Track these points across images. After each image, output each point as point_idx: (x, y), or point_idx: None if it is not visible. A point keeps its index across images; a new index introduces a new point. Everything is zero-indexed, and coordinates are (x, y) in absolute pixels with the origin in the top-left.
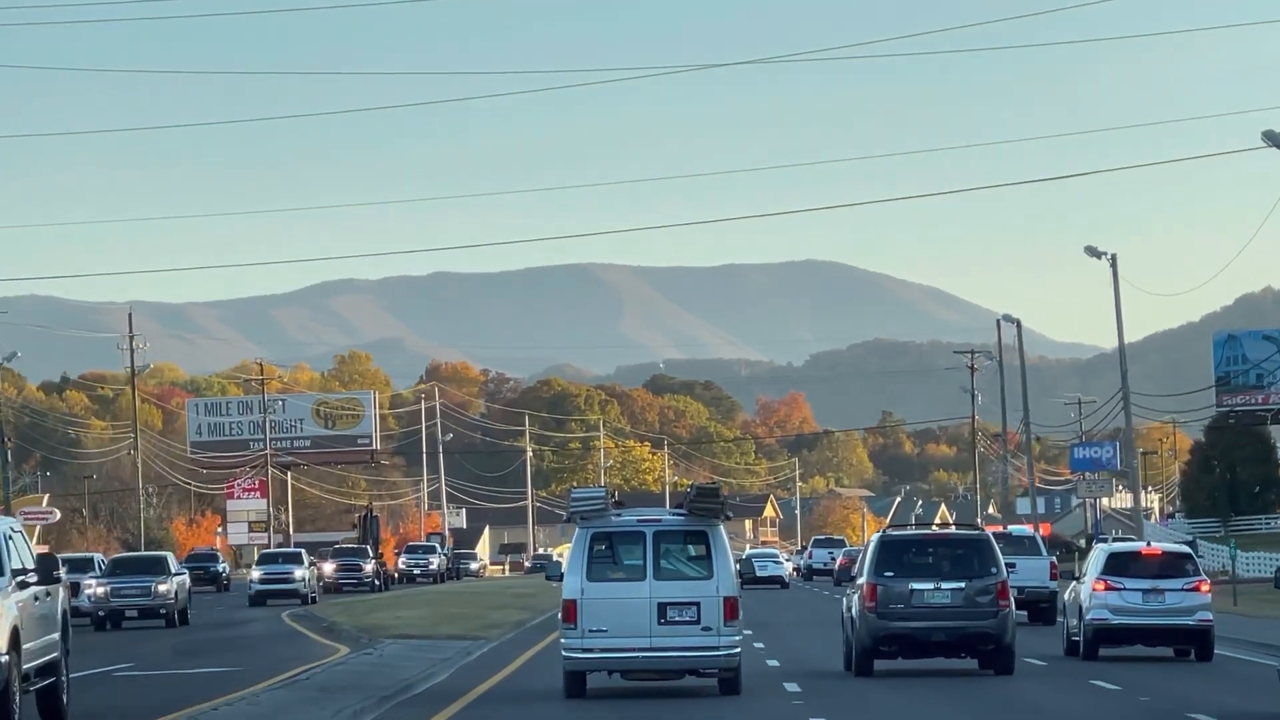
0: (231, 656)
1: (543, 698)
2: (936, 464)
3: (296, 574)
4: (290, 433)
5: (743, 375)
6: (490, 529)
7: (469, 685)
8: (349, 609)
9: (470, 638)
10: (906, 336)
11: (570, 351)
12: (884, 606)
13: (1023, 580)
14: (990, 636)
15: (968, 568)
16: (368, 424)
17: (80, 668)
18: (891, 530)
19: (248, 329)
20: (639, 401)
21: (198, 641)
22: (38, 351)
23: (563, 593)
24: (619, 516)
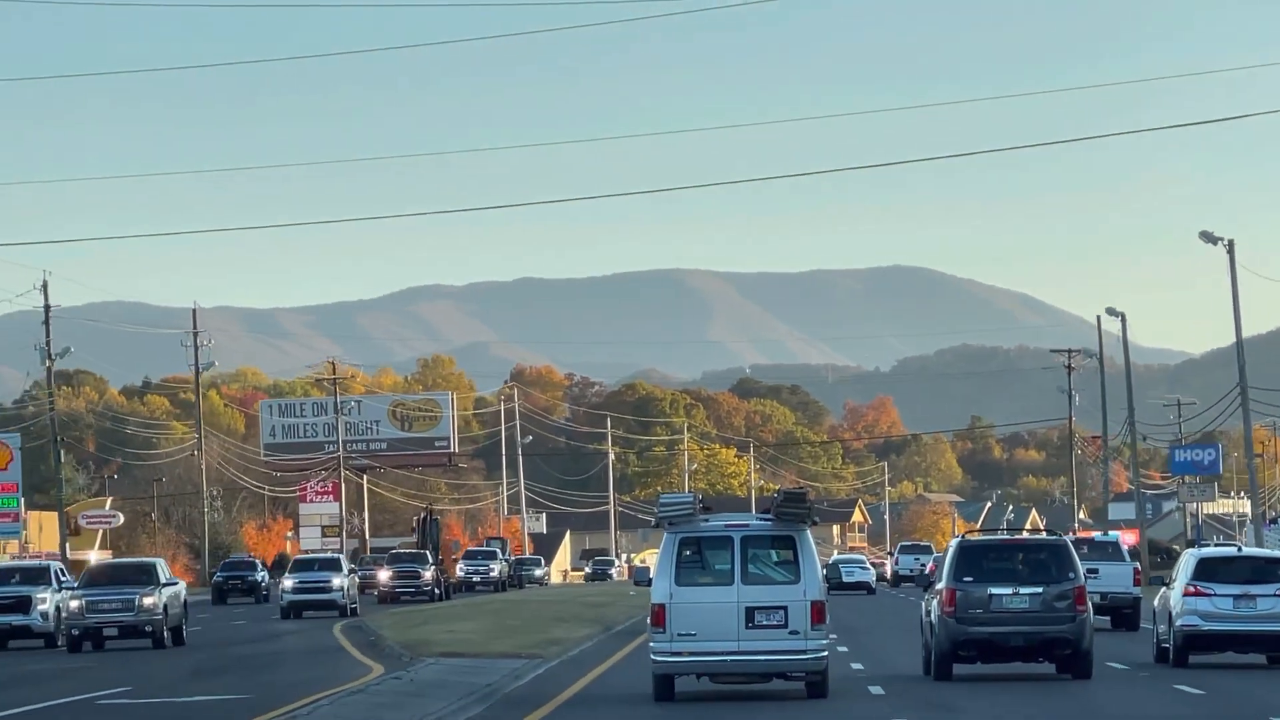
0: (247, 679)
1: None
2: (1026, 469)
3: (334, 583)
4: (366, 435)
5: (829, 381)
6: (571, 534)
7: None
8: (402, 620)
9: (525, 655)
10: (994, 342)
11: (656, 357)
12: (963, 611)
13: (1105, 586)
14: (1068, 641)
15: (1046, 573)
16: (445, 426)
17: (64, 692)
18: (970, 536)
19: (334, 334)
20: (725, 406)
21: (219, 660)
22: (124, 356)
23: (651, 597)
24: (707, 521)
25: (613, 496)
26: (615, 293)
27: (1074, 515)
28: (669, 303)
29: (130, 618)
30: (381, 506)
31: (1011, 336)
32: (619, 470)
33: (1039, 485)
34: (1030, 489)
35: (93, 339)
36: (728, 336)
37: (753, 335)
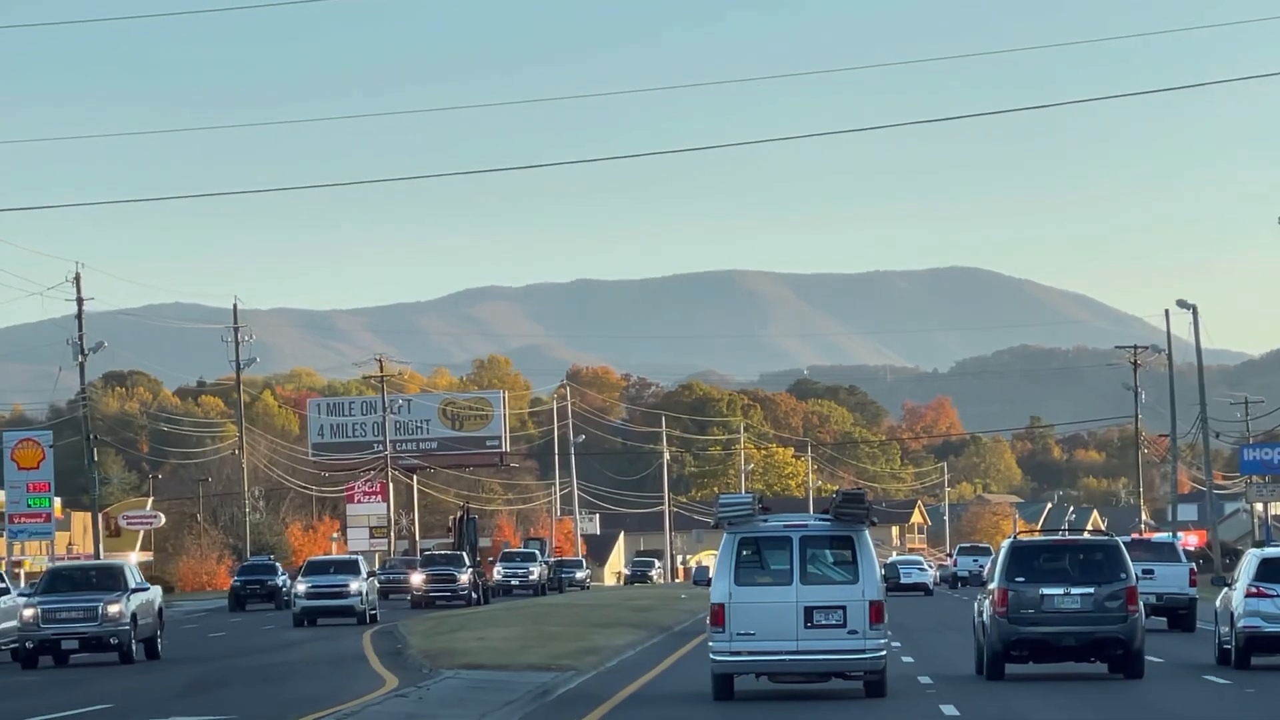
0: (247, 693)
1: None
2: (1086, 470)
3: (351, 587)
4: (416, 434)
5: (888, 381)
6: (625, 535)
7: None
8: (435, 627)
9: (557, 668)
10: (1052, 343)
11: (714, 358)
12: (1015, 611)
13: (1161, 587)
14: (1119, 641)
15: (1097, 573)
16: (497, 425)
17: (34, 710)
18: (1022, 536)
19: (391, 336)
20: (783, 406)
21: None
22: (182, 358)
23: (711, 597)
24: (766, 522)
25: (667, 497)
26: (672, 294)
27: (1140, 515)
28: (726, 304)
29: (93, 628)
30: (433, 507)
31: (1070, 337)
32: (675, 471)
33: (1099, 486)
34: (1090, 490)
35: (150, 340)
36: (785, 337)
37: (810, 336)
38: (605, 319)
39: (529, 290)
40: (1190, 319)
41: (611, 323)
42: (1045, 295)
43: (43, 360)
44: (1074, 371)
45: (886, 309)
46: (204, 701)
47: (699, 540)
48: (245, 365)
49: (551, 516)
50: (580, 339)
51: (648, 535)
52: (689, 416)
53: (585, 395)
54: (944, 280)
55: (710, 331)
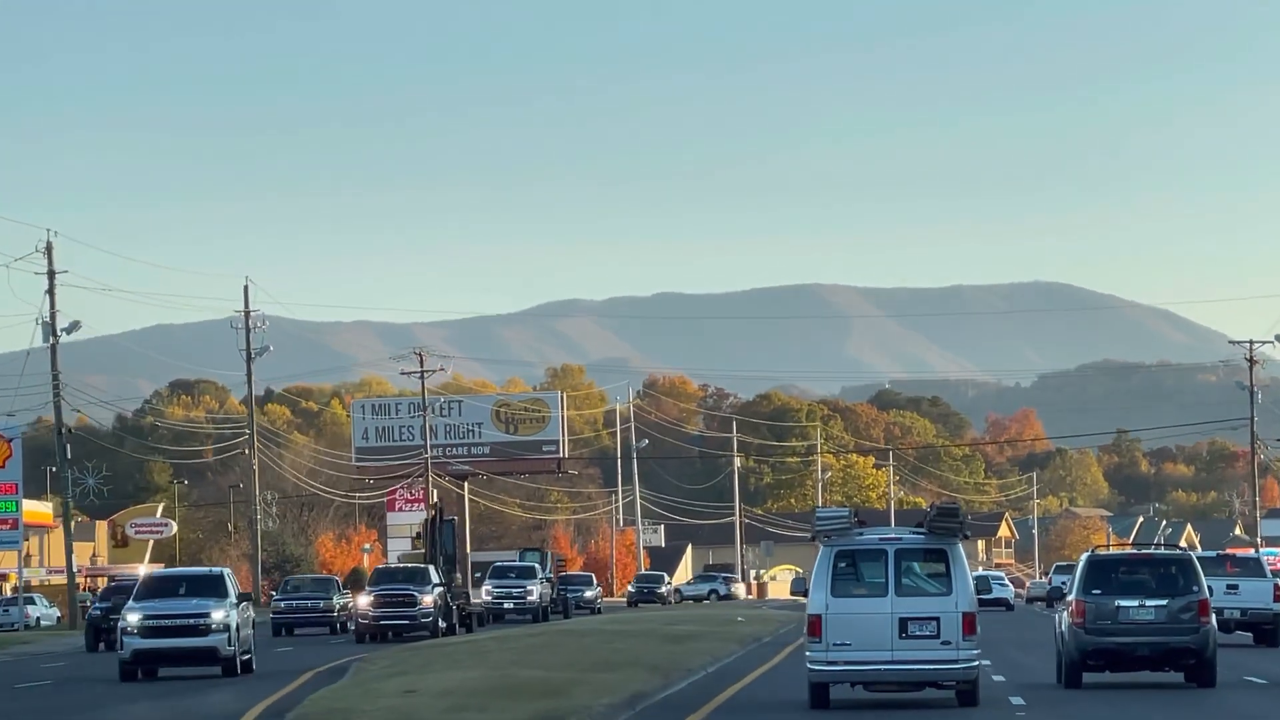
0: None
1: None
2: (1174, 484)
3: (214, 618)
4: (467, 438)
5: (970, 396)
6: (694, 548)
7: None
8: (360, 673)
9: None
10: (1135, 358)
11: (795, 372)
12: (1092, 622)
13: (1245, 602)
14: (1192, 651)
15: (1171, 586)
16: (554, 428)
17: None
18: (1099, 550)
19: (473, 349)
20: (864, 417)
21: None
22: (262, 367)
23: (808, 608)
24: (861, 535)
25: (738, 507)
26: (754, 308)
27: (1257, 527)
28: (807, 318)
29: None
30: (488, 518)
31: (1153, 353)
32: (752, 483)
33: (1189, 500)
34: (1179, 504)
35: (226, 350)
36: (866, 352)
37: (892, 351)
38: (686, 332)
39: (611, 303)
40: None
41: (692, 336)
42: (1128, 310)
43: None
44: (1158, 386)
45: (968, 324)
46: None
47: (768, 553)
48: (257, 355)
49: (611, 527)
50: (661, 352)
51: (718, 548)
52: (767, 423)
53: (661, 405)
54: (1025, 295)
55: (791, 345)
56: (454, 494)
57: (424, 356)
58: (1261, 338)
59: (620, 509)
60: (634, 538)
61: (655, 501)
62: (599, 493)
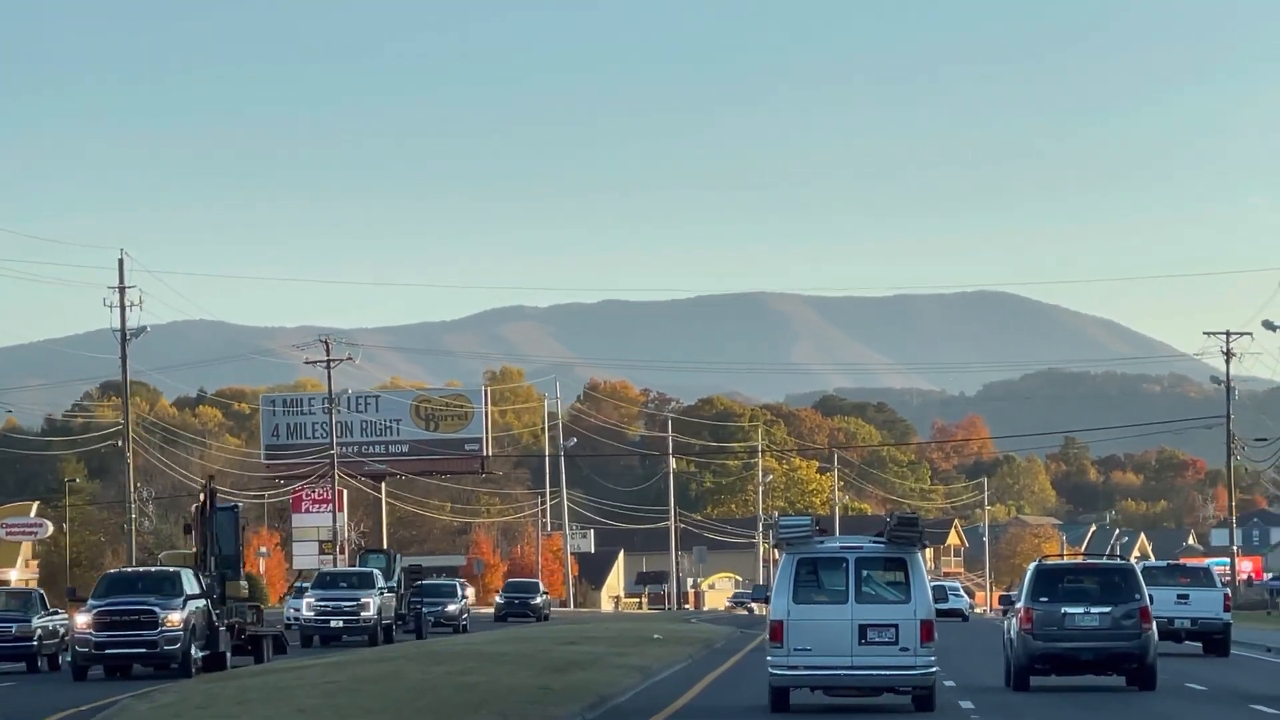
0: None
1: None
2: (1123, 492)
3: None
4: (385, 435)
5: (915, 404)
6: (626, 555)
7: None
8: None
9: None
10: (1080, 367)
11: (739, 380)
12: (1039, 628)
13: (1195, 612)
14: (1134, 656)
15: (1114, 594)
16: (478, 425)
17: None
18: (1046, 560)
19: (417, 355)
20: (807, 423)
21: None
22: (196, 373)
23: (770, 614)
24: (823, 543)
25: (673, 510)
26: (699, 315)
27: (1231, 535)
28: (753, 326)
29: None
30: (410, 521)
31: (1099, 363)
32: (693, 489)
33: (1138, 509)
34: (1128, 512)
35: (162, 354)
36: (811, 360)
37: (836, 359)
38: (631, 340)
39: (555, 310)
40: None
41: (637, 343)
42: (1073, 320)
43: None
44: (1103, 395)
45: (913, 332)
46: None
47: (701, 560)
48: (133, 336)
49: (538, 531)
50: (605, 358)
51: (652, 555)
52: (709, 423)
53: (602, 409)
54: (971, 304)
55: (736, 353)
56: (370, 495)
57: (330, 344)
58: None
59: (548, 512)
60: (562, 543)
61: (589, 505)
62: (526, 494)
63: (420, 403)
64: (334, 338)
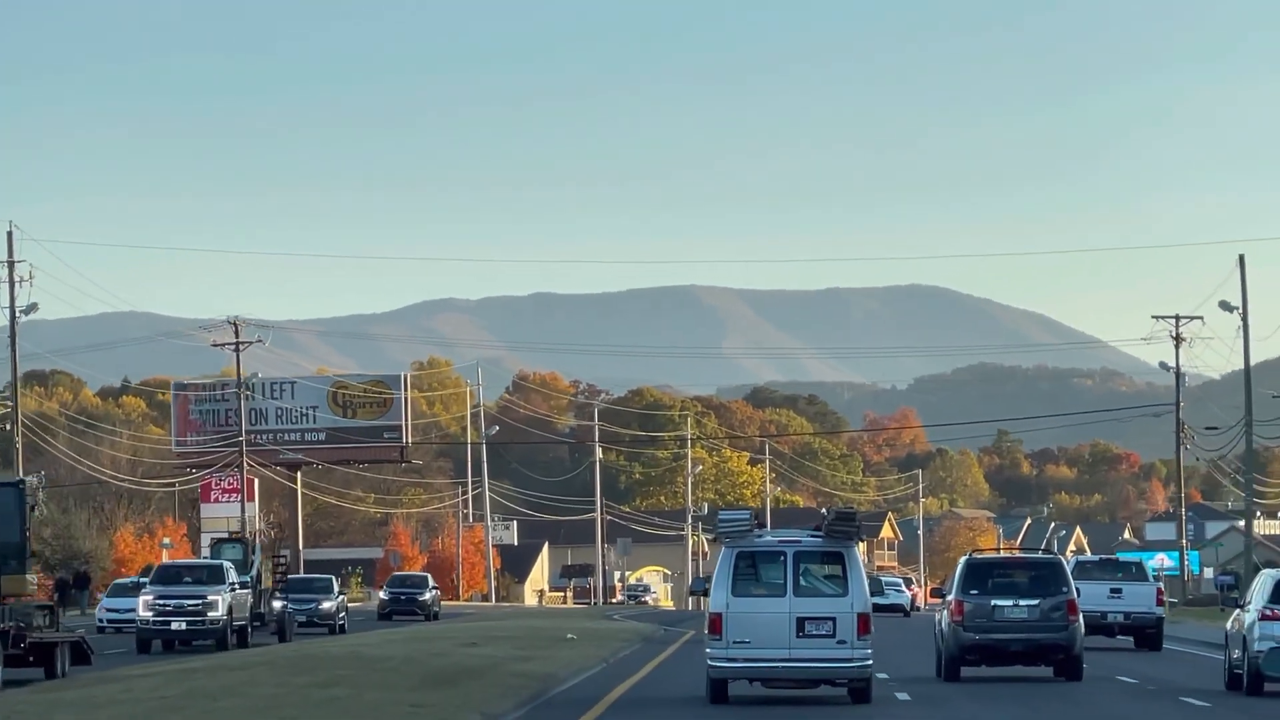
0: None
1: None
2: (1057, 485)
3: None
4: (300, 423)
5: (846, 398)
6: (551, 547)
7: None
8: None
9: None
10: (1010, 362)
11: (670, 372)
12: (970, 620)
13: (1128, 606)
14: (1061, 647)
15: (1042, 587)
16: (397, 412)
17: None
18: (977, 554)
19: (347, 347)
20: (738, 415)
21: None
22: (120, 363)
23: (709, 607)
24: (761, 537)
25: (599, 501)
26: (630, 308)
27: (1181, 528)
28: (684, 319)
29: None
30: (329, 512)
31: (1030, 356)
32: (623, 481)
33: (1071, 503)
34: (1062, 505)
35: (84, 344)
36: (742, 353)
37: (768, 352)
38: (563, 332)
39: (486, 303)
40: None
41: (568, 336)
42: (1004, 315)
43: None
44: (1034, 389)
45: (845, 326)
46: None
47: (624, 552)
48: (25, 312)
49: (458, 522)
50: (537, 352)
51: (577, 548)
52: (640, 412)
53: (531, 400)
54: (903, 298)
55: (667, 346)
56: (285, 486)
57: (239, 326)
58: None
59: (470, 503)
60: (484, 535)
61: (516, 497)
62: (448, 485)
63: (338, 389)
64: (245, 321)
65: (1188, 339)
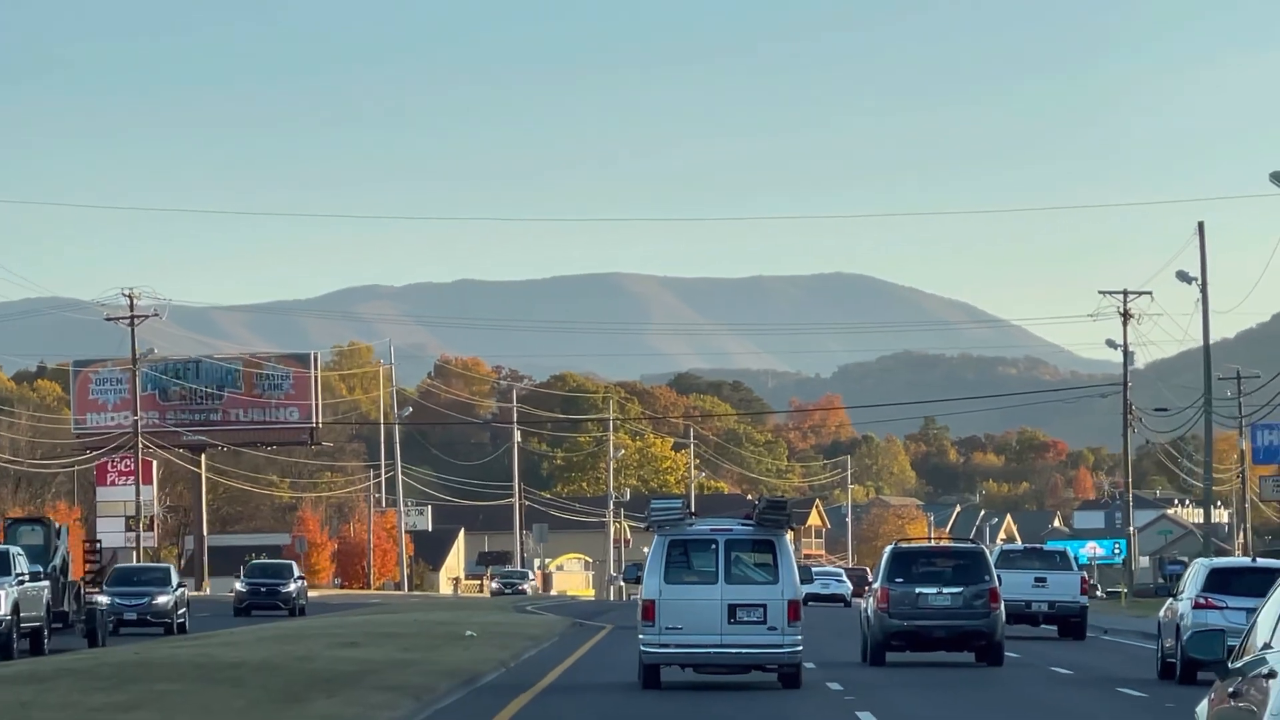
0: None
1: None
2: (983, 473)
3: None
4: (205, 404)
5: (770, 386)
6: (468, 534)
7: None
8: None
9: None
10: (936, 350)
11: (594, 361)
12: (895, 607)
13: (1053, 595)
14: (983, 634)
15: (965, 576)
16: (306, 394)
17: None
18: (902, 543)
19: (271, 334)
20: (662, 401)
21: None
22: (51, 348)
23: (642, 594)
24: (693, 525)
25: (518, 486)
26: (553, 295)
27: (1128, 512)
28: (607, 306)
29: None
30: (237, 497)
31: (954, 345)
32: (545, 468)
33: (999, 490)
34: (990, 493)
35: (16, 333)
36: (666, 341)
37: (692, 340)
38: (486, 319)
39: (410, 290)
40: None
41: (492, 323)
42: (929, 303)
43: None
44: (959, 378)
45: (769, 314)
46: None
47: (540, 539)
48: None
49: (369, 507)
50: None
51: (495, 534)
52: (565, 393)
53: (453, 385)
54: (826, 286)
55: (590, 333)
56: (189, 471)
57: (134, 297)
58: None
59: (383, 487)
60: (396, 520)
61: (436, 484)
62: (361, 469)
63: (247, 369)
64: (142, 295)
65: (1136, 315)
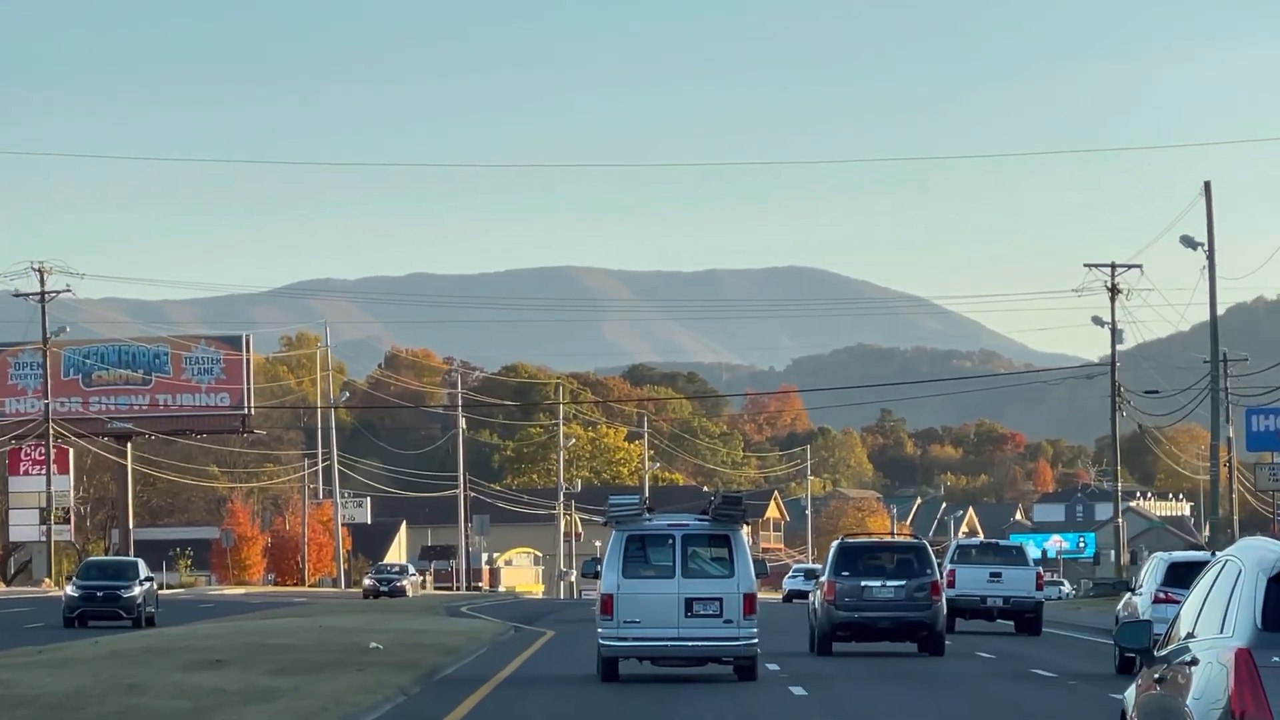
0: None
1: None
2: (941, 466)
3: None
4: (132, 389)
5: (724, 380)
6: (410, 527)
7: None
8: None
9: None
10: (890, 343)
11: (548, 354)
12: (840, 600)
13: (1008, 590)
14: (925, 625)
15: (908, 569)
16: (238, 380)
17: None
18: (849, 538)
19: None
20: (615, 392)
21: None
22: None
23: (600, 588)
24: (650, 521)
25: (463, 477)
26: (507, 289)
27: (1117, 497)
28: (561, 300)
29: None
30: (167, 488)
31: (908, 338)
32: (496, 460)
33: (957, 483)
34: (949, 487)
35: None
36: (620, 334)
37: (645, 334)
38: (440, 313)
39: (363, 283)
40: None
41: (446, 316)
42: (883, 296)
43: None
44: (914, 371)
45: (723, 307)
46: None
47: (482, 531)
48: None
49: (304, 498)
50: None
51: (438, 528)
52: (516, 380)
53: (403, 377)
54: (781, 279)
55: (544, 327)
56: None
57: (44, 273)
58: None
59: (319, 477)
60: (332, 512)
61: (382, 476)
62: (298, 457)
63: (175, 352)
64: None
65: (1123, 291)
